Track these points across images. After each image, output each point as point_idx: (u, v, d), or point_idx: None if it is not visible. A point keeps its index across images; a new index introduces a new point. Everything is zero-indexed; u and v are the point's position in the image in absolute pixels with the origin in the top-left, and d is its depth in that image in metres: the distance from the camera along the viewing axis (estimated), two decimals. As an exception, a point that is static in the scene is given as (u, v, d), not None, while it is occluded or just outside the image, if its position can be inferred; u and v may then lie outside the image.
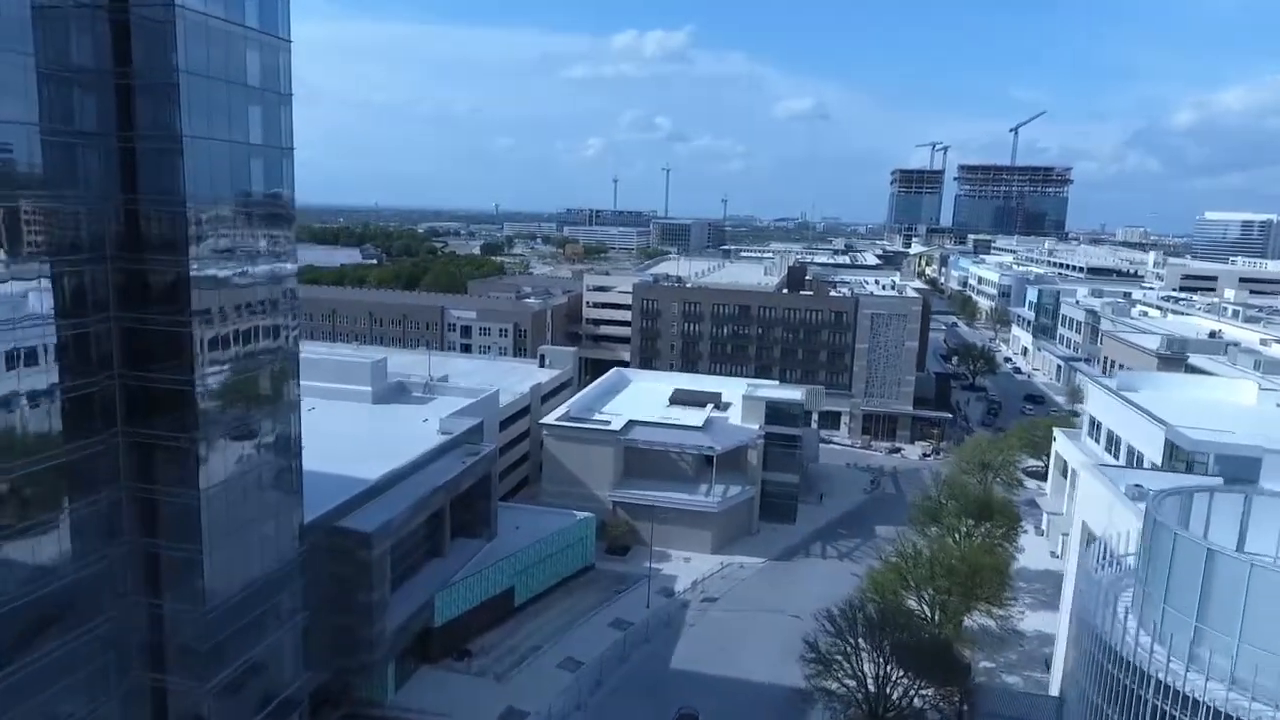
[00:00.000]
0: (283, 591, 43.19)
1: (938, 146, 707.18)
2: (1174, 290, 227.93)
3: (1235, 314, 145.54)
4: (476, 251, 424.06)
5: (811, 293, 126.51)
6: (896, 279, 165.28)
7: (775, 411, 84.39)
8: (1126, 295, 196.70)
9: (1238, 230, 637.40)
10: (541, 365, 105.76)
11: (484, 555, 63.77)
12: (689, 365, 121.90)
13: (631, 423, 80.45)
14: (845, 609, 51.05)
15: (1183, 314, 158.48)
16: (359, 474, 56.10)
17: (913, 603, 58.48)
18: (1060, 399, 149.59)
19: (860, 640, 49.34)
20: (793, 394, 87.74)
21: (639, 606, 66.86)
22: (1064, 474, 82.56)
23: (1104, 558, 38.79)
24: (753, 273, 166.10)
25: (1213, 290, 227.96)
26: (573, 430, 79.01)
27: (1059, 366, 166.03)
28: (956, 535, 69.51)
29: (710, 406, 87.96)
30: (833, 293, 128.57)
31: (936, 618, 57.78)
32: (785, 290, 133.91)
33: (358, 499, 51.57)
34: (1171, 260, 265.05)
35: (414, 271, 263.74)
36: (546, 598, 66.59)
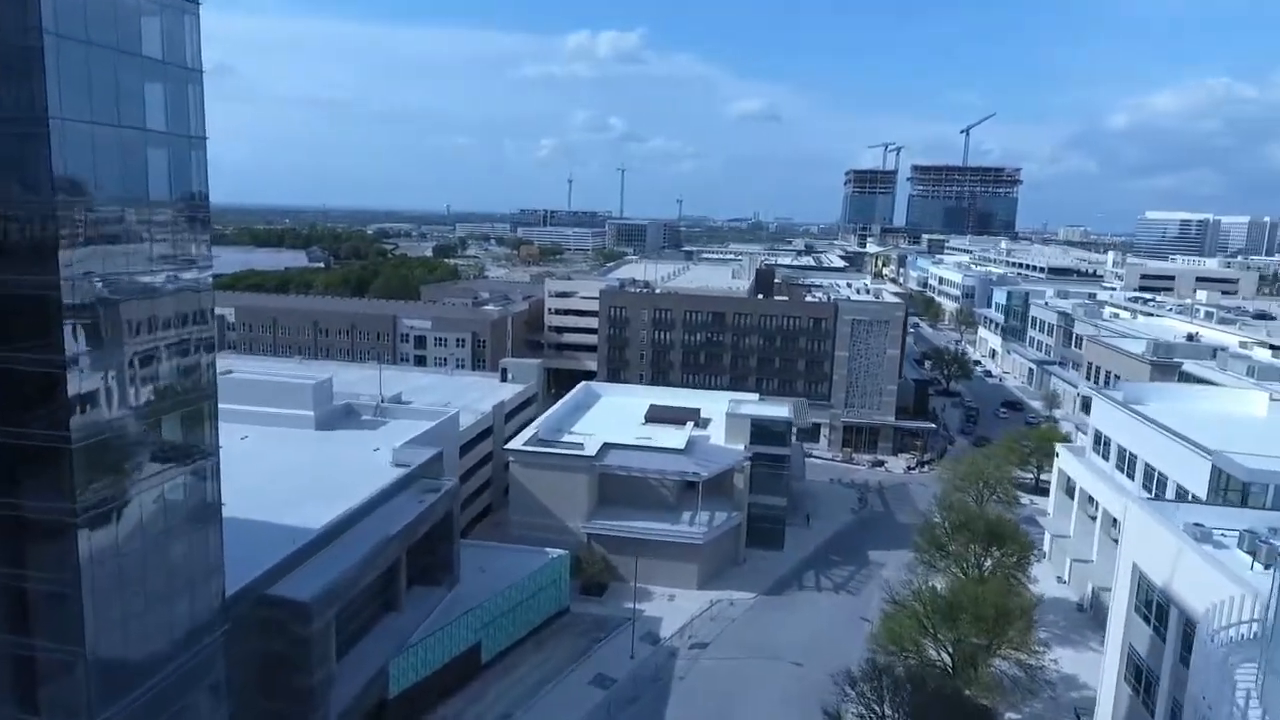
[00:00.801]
0: (199, 686, 34.94)
1: (890, 147, 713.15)
2: (1134, 290, 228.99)
3: (1208, 315, 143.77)
4: (428, 253, 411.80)
5: (786, 298, 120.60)
6: (868, 282, 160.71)
7: (761, 430, 77.81)
8: (1092, 296, 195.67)
9: (1177, 229, 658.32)
10: (504, 379, 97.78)
11: (446, 607, 55.83)
12: (659, 376, 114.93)
13: (607, 446, 73.07)
14: (868, 671, 44.47)
15: (1152, 315, 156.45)
16: (298, 520, 47.87)
17: (932, 651, 52.30)
18: (1036, 404, 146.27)
19: (887, 708, 42.84)
20: (779, 410, 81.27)
21: (622, 657, 59.52)
22: (1068, 493, 77.55)
23: (1208, 628, 32.64)
24: (720, 276, 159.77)
25: (1170, 290, 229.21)
26: (542, 456, 71.33)
27: (1031, 370, 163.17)
28: (966, 565, 63.89)
29: (690, 425, 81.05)
30: (809, 298, 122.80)
31: (958, 666, 51.68)
32: (760, 295, 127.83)
33: (295, 557, 43.34)
34: (1130, 260, 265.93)
35: (363, 275, 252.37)
36: (517, 650, 58.86)
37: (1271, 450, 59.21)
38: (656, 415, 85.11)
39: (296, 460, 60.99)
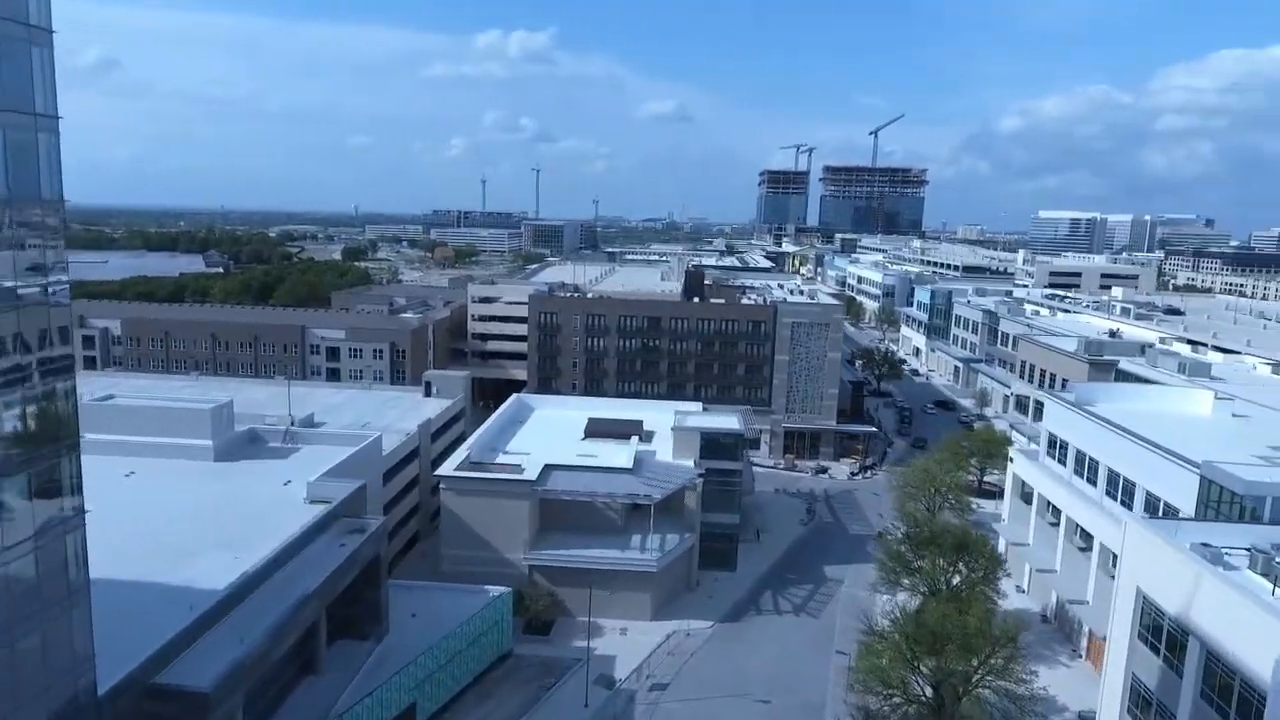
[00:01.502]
0: (63, 815, 27.51)
1: (802, 148, 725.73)
2: (1045, 286, 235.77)
3: (1124, 311, 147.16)
4: (337, 257, 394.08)
5: (721, 300, 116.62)
6: (799, 282, 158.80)
7: (712, 443, 73.12)
8: (1009, 294, 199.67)
9: (1067, 228, 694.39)
10: (428, 394, 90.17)
11: (374, 663, 48.80)
12: (594, 385, 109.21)
13: (549, 468, 66.95)
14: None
15: (1069, 311, 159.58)
16: (195, 578, 40.37)
17: (915, 685, 48.43)
18: (966, 402, 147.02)
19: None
20: (729, 421, 76.75)
21: (575, 705, 53.62)
22: (1024, 499, 75.57)
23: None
24: (648, 278, 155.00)
25: (1078, 285, 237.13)
26: (477, 482, 64.66)
27: (957, 368, 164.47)
28: (935, 582, 60.64)
29: (635, 439, 75.64)
30: (745, 300, 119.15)
31: (944, 700, 47.97)
32: (696, 300, 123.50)
33: (191, 630, 35.87)
34: (1039, 258, 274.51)
35: (266, 281, 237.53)
36: (458, 705, 52.31)
37: (1225, 450, 58.11)
38: (597, 430, 79.40)
39: (193, 500, 52.77)
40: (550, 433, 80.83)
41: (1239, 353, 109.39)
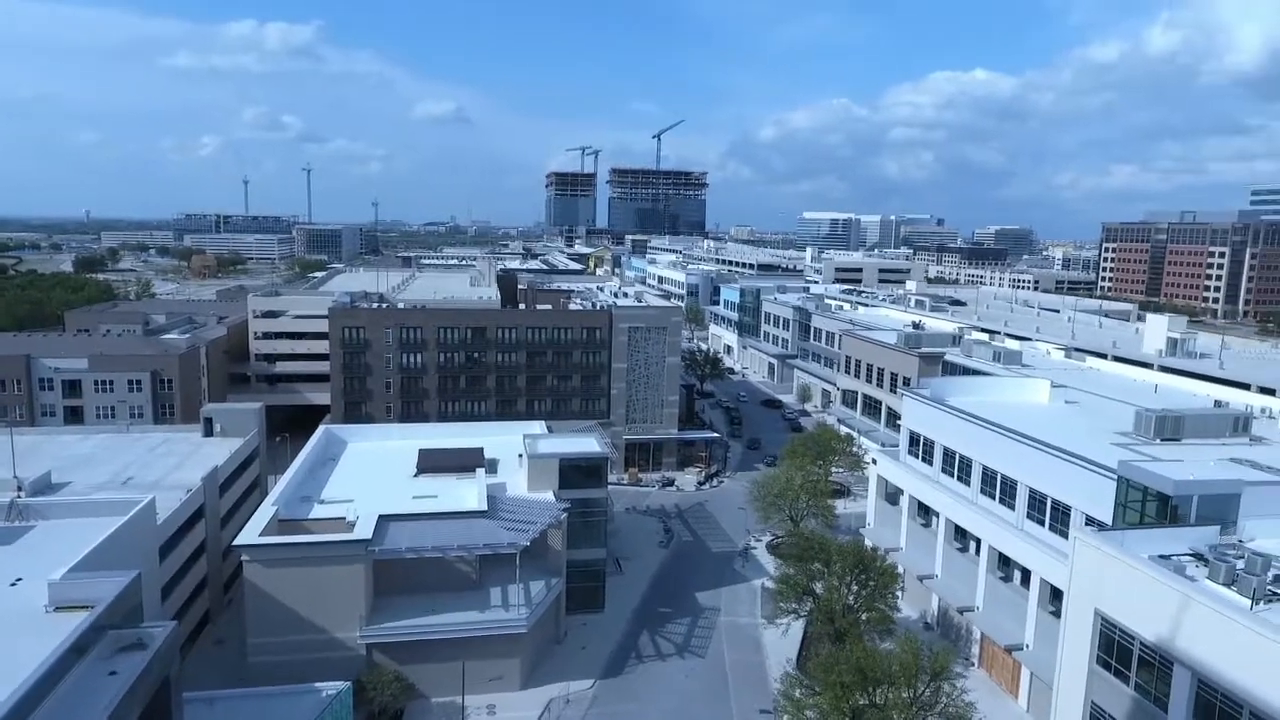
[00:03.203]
0: None
1: (588, 150, 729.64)
2: (833, 281, 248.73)
3: (919, 304, 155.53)
4: (68, 268, 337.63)
5: (548, 306, 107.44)
6: (617, 284, 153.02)
7: (573, 470, 64.24)
8: (807, 289, 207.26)
9: (828, 227, 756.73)
10: (209, 433, 73.50)
11: (171, 829, 35.16)
12: (412, 407, 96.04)
13: (385, 520, 54.75)
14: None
15: (868, 305, 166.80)
16: None
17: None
18: (786, 398, 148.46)
19: None
20: (586, 443, 68.27)
21: (449, 823, 42.80)
22: (889, 500, 73.66)
23: None
24: (458, 284, 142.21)
25: (860, 280, 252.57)
26: (293, 549, 51.28)
27: (771, 364, 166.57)
28: (834, 603, 56.07)
29: (480, 472, 64.95)
30: (572, 305, 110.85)
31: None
32: (517, 306, 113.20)
33: None
34: (824, 255, 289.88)
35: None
36: None
37: (1081, 439, 58.47)
38: (431, 463, 67.78)
39: None
40: (373, 471, 68.12)
41: (1030, 339, 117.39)
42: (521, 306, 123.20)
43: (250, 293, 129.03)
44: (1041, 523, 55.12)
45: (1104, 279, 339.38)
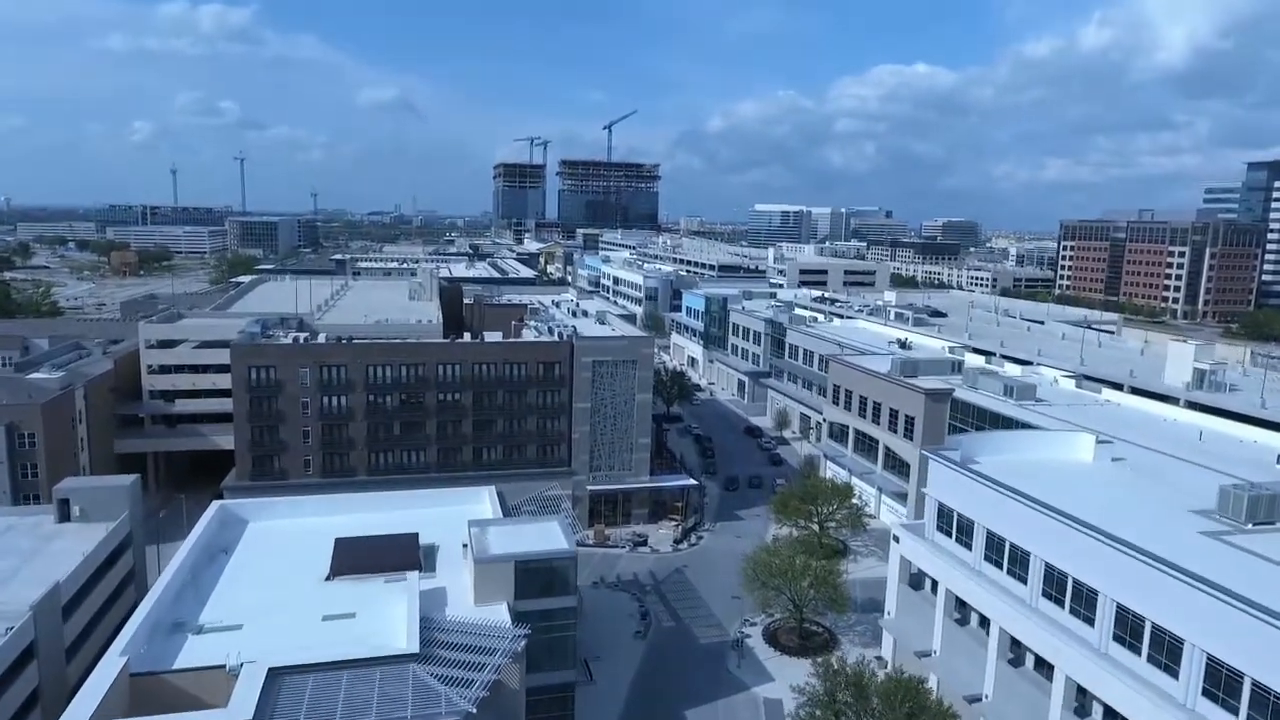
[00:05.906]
0: None
1: (537, 141, 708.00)
2: (797, 284, 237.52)
3: (899, 317, 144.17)
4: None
5: (498, 334, 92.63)
6: (573, 296, 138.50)
7: (532, 575, 50.33)
8: (774, 295, 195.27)
9: (779, 219, 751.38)
10: (64, 518, 57.71)
11: None
12: (336, 461, 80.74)
13: (274, 676, 40.00)
14: None
15: (843, 317, 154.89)
16: None
17: None
18: (761, 421, 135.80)
19: None
20: (549, 535, 54.29)
21: None
22: (913, 586, 61.34)
23: None
24: (395, 299, 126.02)
25: (824, 283, 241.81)
26: (142, 734, 36.42)
27: (742, 382, 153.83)
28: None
29: (414, 575, 50.43)
30: (525, 328, 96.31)
31: None
32: (462, 331, 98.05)
33: None
34: (786, 256, 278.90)
35: None
36: None
37: (1155, 525, 47.47)
38: (350, 562, 53.07)
39: None
40: (275, 570, 53.28)
41: (1033, 364, 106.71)
42: (468, 328, 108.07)
43: (143, 317, 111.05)
44: (1139, 651, 43.11)
45: (1063, 277, 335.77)
